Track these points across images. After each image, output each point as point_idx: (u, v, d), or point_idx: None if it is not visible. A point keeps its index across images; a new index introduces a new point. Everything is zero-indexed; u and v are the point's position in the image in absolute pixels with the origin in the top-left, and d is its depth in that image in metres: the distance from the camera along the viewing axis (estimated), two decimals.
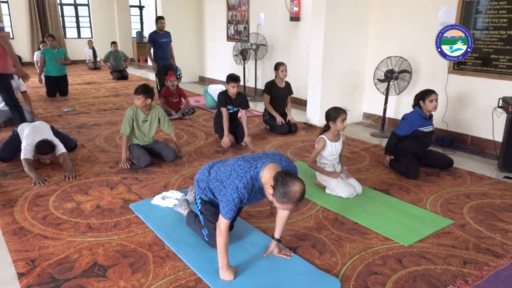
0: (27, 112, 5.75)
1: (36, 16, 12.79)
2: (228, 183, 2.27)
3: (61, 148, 3.98)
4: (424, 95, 3.94)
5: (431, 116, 4.05)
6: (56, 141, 4.02)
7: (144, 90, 4.08)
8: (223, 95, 4.82)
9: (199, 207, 2.68)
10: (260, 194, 2.33)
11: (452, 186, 3.72)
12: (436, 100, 3.91)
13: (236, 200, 2.20)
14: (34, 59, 10.77)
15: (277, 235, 2.52)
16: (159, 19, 7.11)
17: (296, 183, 2.07)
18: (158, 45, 7.11)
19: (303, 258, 2.52)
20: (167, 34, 7.27)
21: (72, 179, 3.73)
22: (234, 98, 4.83)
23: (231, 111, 4.89)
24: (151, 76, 10.97)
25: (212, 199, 2.60)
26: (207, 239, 2.61)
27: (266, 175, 2.19)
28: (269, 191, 2.14)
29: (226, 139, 4.74)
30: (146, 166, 4.03)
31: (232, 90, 4.74)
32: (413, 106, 4.07)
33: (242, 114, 4.89)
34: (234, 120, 5.00)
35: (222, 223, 2.25)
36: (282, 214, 2.48)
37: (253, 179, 2.23)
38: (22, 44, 12.80)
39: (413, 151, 4.01)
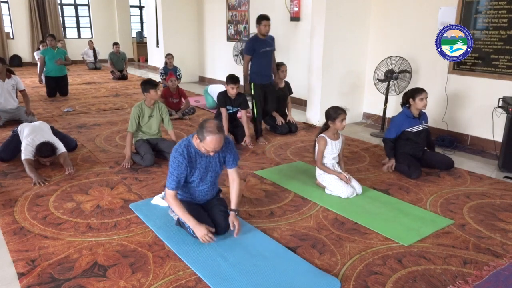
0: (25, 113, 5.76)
1: (36, 16, 12.79)
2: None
3: (61, 148, 3.99)
4: (414, 93, 3.93)
5: (421, 115, 4.04)
6: (57, 142, 4.02)
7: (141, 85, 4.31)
8: (223, 95, 4.82)
9: None
10: (200, 157, 2.64)
11: (452, 186, 3.72)
12: (426, 99, 3.90)
13: (177, 170, 2.56)
14: (36, 58, 10.65)
15: (232, 206, 2.80)
16: (262, 19, 4.95)
17: (209, 120, 2.54)
18: (258, 56, 4.99)
19: (303, 258, 2.52)
20: (271, 40, 5.14)
21: (72, 171, 3.79)
22: (234, 99, 4.83)
23: (231, 111, 4.89)
24: (151, 76, 10.96)
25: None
26: (194, 235, 2.67)
27: (195, 139, 2.58)
28: (197, 142, 2.55)
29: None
30: (150, 165, 4.04)
31: (232, 91, 4.74)
32: (402, 105, 4.07)
33: (242, 114, 4.89)
34: (234, 120, 5.00)
35: (167, 194, 2.63)
36: (232, 185, 2.82)
37: (186, 146, 2.62)
38: (22, 44, 12.81)
39: (409, 153, 4.01)
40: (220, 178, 2.97)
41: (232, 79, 4.74)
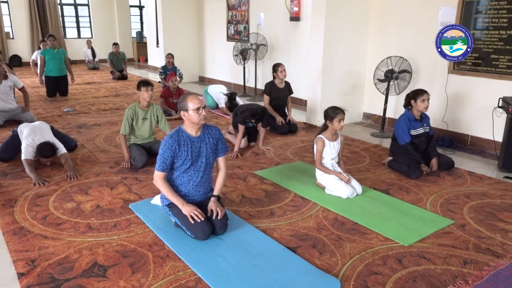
0: (28, 113, 5.75)
1: (36, 16, 12.78)
2: None
3: (61, 149, 3.98)
4: (416, 94, 3.93)
5: (423, 118, 4.03)
6: (57, 142, 4.01)
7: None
8: (250, 113, 4.55)
9: (165, 203, 2.87)
10: (191, 141, 2.77)
11: (452, 186, 3.72)
12: (428, 100, 3.90)
13: (167, 153, 2.68)
14: (33, 58, 10.61)
15: (215, 192, 2.89)
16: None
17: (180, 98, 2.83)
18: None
19: (303, 258, 2.52)
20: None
21: (74, 179, 3.73)
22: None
23: (250, 125, 4.73)
24: (151, 76, 10.96)
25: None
26: (193, 236, 2.68)
27: (183, 115, 2.77)
28: (186, 116, 2.72)
29: (236, 152, 4.48)
30: (143, 166, 4.02)
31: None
32: (405, 106, 4.07)
33: (260, 130, 4.79)
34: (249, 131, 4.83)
35: (155, 175, 2.75)
36: (219, 174, 2.94)
37: (177, 130, 2.79)
38: (22, 44, 12.80)
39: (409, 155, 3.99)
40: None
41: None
